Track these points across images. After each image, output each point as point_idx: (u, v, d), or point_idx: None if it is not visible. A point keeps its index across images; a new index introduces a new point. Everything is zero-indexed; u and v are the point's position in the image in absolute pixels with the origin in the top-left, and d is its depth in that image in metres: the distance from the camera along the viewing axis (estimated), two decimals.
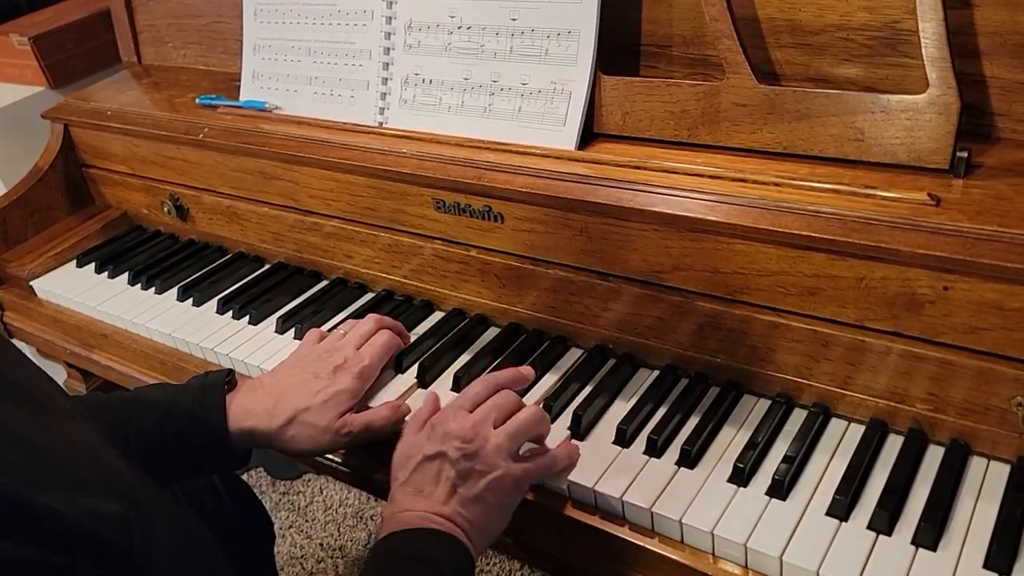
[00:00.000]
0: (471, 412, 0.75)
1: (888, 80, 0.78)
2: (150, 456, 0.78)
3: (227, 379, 0.85)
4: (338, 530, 1.68)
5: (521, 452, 0.75)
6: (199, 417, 0.81)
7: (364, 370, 0.85)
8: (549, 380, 0.88)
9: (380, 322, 0.91)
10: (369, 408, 0.84)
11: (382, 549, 0.69)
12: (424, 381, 0.90)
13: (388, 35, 0.99)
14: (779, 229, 0.71)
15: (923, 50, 0.70)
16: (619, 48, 0.90)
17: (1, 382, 0.55)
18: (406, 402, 0.86)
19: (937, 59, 0.70)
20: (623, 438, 0.78)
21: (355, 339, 0.88)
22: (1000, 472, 0.69)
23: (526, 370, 0.83)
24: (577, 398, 0.84)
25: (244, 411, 0.82)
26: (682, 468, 0.74)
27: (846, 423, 0.77)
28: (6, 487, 0.45)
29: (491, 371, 0.84)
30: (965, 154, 0.71)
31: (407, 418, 0.83)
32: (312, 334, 0.91)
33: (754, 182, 0.76)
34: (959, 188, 0.70)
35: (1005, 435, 0.68)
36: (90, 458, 0.56)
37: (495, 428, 0.73)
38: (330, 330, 0.94)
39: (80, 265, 1.23)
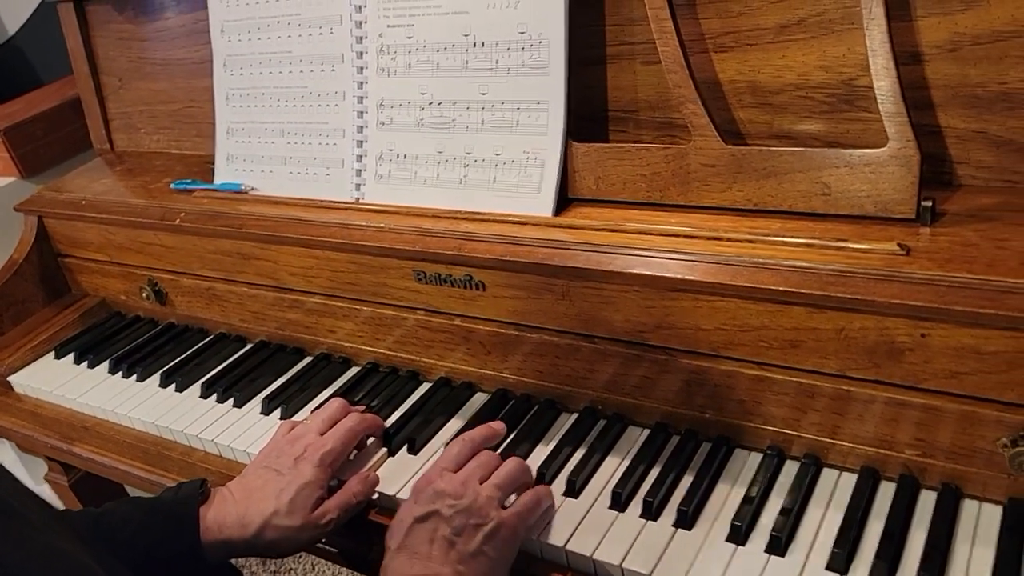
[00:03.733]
0: (455, 472, 0.76)
1: (849, 134, 0.80)
2: None
3: (200, 491, 0.82)
4: None
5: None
6: (172, 534, 0.79)
7: (325, 456, 0.83)
8: (540, 446, 0.87)
9: (346, 407, 0.90)
10: (341, 482, 0.84)
11: None
12: (415, 450, 0.90)
13: (361, 114, 1.01)
14: (757, 285, 0.73)
15: (880, 106, 0.73)
16: (588, 115, 0.93)
17: None
18: (375, 472, 0.86)
19: (894, 114, 0.72)
20: (619, 502, 0.78)
21: (318, 424, 0.87)
22: (993, 514, 0.69)
23: (497, 425, 0.86)
24: (570, 462, 0.84)
25: (217, 524, 0.80)
26: (680, 529, 0.74)
27: (838, 472, 0.77)
28: None
29: None
30: (930, 203, 0.73)
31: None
32: (283, 426, 0.90)
33: (728, 240, 0.78)
34: (927, 236, 0.72)
35: (994, 476, 0.69)
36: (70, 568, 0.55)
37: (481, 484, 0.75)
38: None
39: (59, 356, 1.22)
